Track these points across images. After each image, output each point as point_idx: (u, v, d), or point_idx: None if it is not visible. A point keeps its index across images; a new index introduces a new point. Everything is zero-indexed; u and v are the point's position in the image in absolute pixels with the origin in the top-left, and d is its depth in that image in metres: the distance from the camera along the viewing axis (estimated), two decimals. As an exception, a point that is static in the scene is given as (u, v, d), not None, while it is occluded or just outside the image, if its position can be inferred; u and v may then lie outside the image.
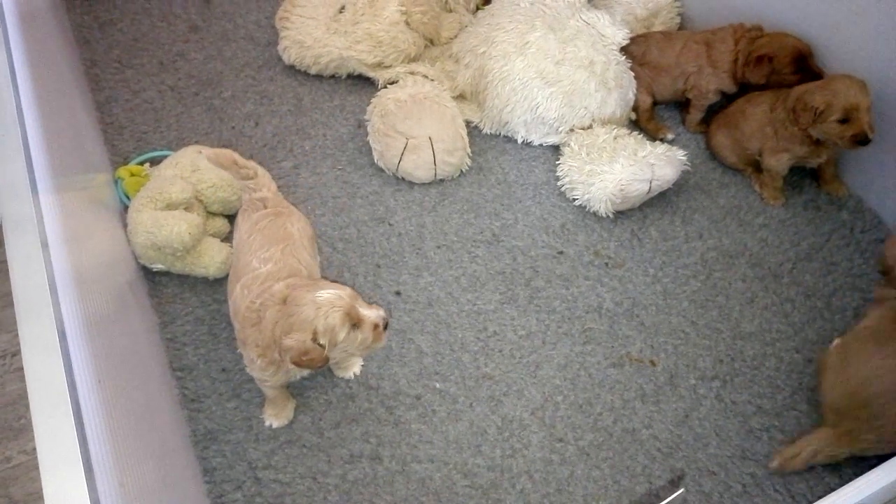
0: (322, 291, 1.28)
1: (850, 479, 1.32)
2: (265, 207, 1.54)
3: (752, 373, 1.65)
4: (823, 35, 1.85)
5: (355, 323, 1.30)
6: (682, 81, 2.03)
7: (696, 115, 2.07)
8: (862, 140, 1.69)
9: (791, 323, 1.72)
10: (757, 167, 1.94)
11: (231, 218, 1.87)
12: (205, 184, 1.79)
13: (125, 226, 1.74)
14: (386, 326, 1.34)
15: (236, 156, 1.54)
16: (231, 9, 2.40)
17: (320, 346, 1.27)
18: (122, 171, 1.89)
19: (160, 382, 1.58)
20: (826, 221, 1.89)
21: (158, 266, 1.76)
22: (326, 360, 1.30)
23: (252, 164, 1.58)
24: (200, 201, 1.81)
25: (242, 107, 2.14)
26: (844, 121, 1.69)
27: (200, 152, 1.86)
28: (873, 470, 1.35)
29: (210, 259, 1.75)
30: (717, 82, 1.99)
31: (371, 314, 1.32)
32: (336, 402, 1.59)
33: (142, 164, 1.94)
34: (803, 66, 1.84)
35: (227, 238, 1.84)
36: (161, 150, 1.98)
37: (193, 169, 1.79)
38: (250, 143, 2.05)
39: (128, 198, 1.83)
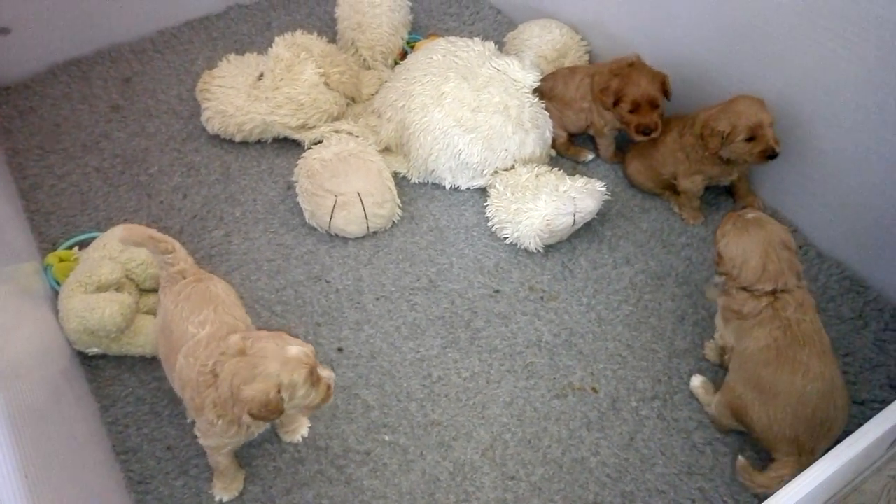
0: (290, 347, 1.31)
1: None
2: (184, 278, 1.54)
3: (690, 389, 1.70)
4: (722, 59, 1.95)
5: (314, 382, 1.32)
6: (584, 117, 2.12)
7: (605, 147, 2.16)
8: (771, 154, 1.78)
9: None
10: (674, 190, 2.02)
11: (165, 293, 1.87)
12: (134, 262, 1.79)
13: (57, 313, 1.72)
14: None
15: (151, 231, 1.54)
16: (151, 85, 2.42)
17: (280, 399, 1.29)
18: (51, 258, 1.88)
19: (104, 468, 1.55)
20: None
21: (94, 350, 1.74)
22: (282, 412, 1.31)
23: (167, 237, 1.56)
24: (132, 280, 1.80)
25: (170, 180, 2.15)
26: (751, 139, 1.78)
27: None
28: (812, 467, 1.41)
29: (146, 337, 1.74)
30: (607, 117, 2.07)
31: (325, 374, 1.36)
32: (285, 467, 1.58)
33: (70, 248, 1.93)
34: (638, 108, 1.93)
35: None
36: (89, 232, 1.98)
37: (122, 248, 1.79)
38: (180, 215, 2.05)
39: (59, 284, 1.81)
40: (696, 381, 1.69)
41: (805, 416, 1.46)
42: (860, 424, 1.50)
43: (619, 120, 2.01)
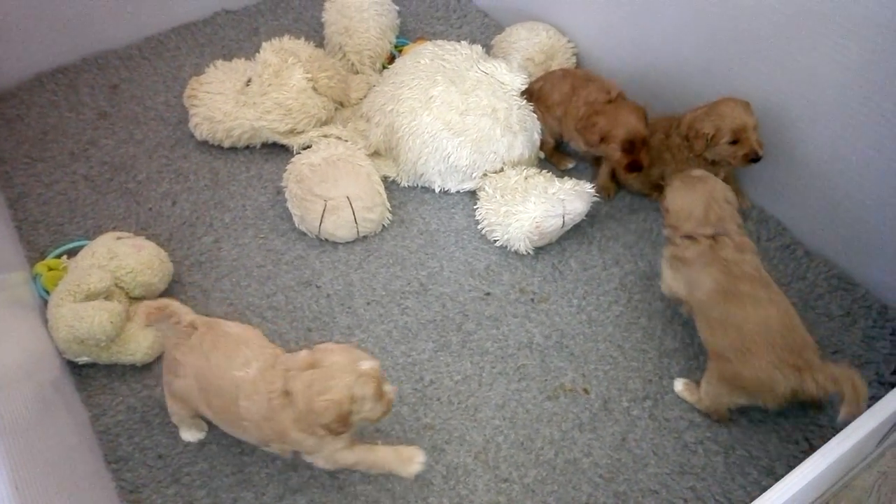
0: (364, 362, 1.34)
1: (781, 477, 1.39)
2: (196, 328, 1.46)
3: (681, 388, 1.71)
4: (708, 61, 1.97)
5: (379, 396, 1.35)
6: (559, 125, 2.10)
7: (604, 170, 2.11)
8: (754, 158, 1.80)
9: (711, 335, 1.79)
10: (662, 190, 2.03)
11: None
12: (124, 270, 1.78)
13: (47, 322, 1.71)
14: None
15: (173, 305, 1.46)
16: (139, 92, 2.42)
17: (350, 411, 1.33)
18: (40, 267, 1.87)
19: (95, 477, 1.55)
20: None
21: (84, 359, 1.73)
22: (351, 425, 1.35)
23: (167, 302, 1.48)
24: (121, 288, 1.79)
25: (158, 187, 2.14)
26: (735, 142, 1.80)
27: (118, 238, 1.86)
28: (802, 464, 1.42)
29: (136, 345, 1.73)
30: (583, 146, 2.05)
31: (388, 389, 1.39)
32: (277, 474, 1.58)
33: (59, 257, 1.92)
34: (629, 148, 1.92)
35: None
36: (78, 240, 1.96)
37: (111, 256, 1.78)
38: (168, 222, 2.05)
39: (48, 293, 1.80)
40: (680, 385, 1.70)
41: (776, 339, 1.47)
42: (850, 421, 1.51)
43: (606, 157, 1.99)
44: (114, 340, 1.70)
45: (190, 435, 1.62)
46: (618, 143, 1.91)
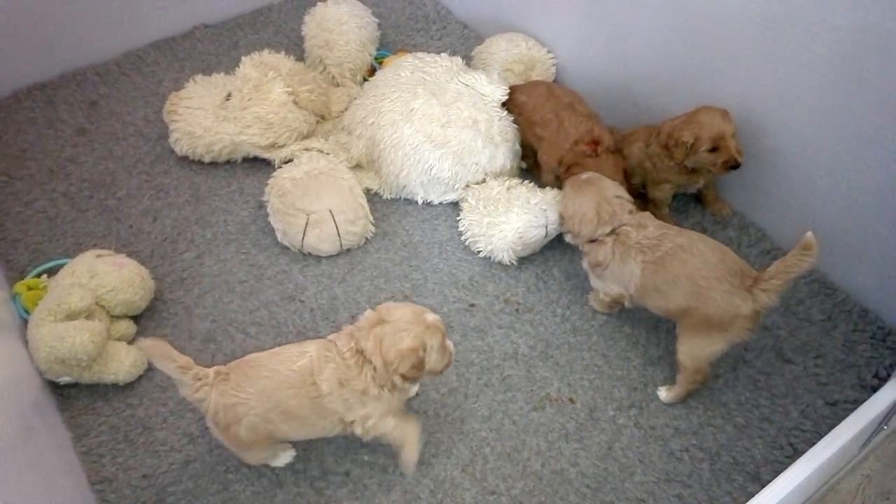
0: (428, 314, 1.44)
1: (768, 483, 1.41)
2: (227, 372, 1.43)
3: (666, 396, 1.71)
4: (685, 69, 1.98)
5: (443, 348, 1.45)
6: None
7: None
8: (733, 165, 1.81)
9: (695, 342, 1.80)
10: (643, 198, 2.04)
11: (136, 319, 1.84)
12: (104, 288, 1.76)
13: (27, 342, 1.69)
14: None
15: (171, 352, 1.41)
16: (118, 108, 2.40)
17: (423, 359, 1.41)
18: (20, 287, 1.85)
19: (79, 499, 1.52)
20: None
21: (65, 379, 1.71)
22: (423, 372, 1.43)
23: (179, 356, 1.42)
24: (102, 306, 1.77)
25: (139, 204, 2.12)
26: (714, 149, 1.81)
27: (98, 256, 1.84)
28: (786, 470, 1.43)
29: (118, 364, 1.72)
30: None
31: (449, 343, 1.48)
32: (264, 491, 1.56)
33: (39, 276, 1.90)
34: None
35: (135, 341, 1.81)
36: (58, 258, 1.94)
37: (91, 275, 1.76)
38: (150, 239, 2.03)
39: (27, 313, 1.78)
40: (663, 393, 1.71)
41: (720, 271, 1.54)
42: (833, 425, 1.53)
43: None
44: (95, 360, 1.69)
45: (283, 459, 1.59)
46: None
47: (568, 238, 1.79)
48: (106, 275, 1.78)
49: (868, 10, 1.52)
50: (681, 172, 1.91)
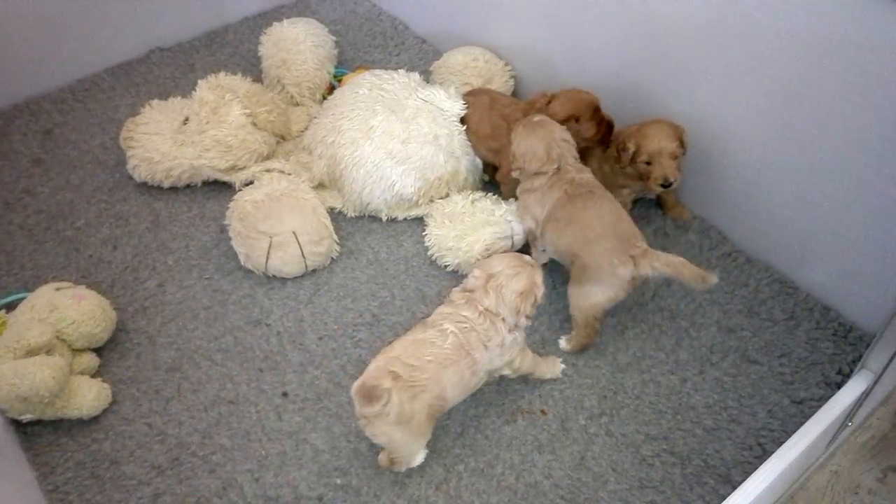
0: (525, 256, 1.62)
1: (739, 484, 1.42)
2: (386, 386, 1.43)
3: (635, 402, 1.72)
4: (641, 78, 2.01)
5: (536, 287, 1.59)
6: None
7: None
8: (663, 183, 1.85)
9: (661, 347, 1.82)
10: None
11: (98, 351, 1.81)
12: (65, 322, 1.73)
13: (-14, 381, 1.65)
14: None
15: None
16: (74, 136, 2.36)
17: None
18: (-23, 324, 1.80)
19: (44, 541, 1.49)
20: (676, 245, 2.02)
21: (28, 416, 1.67)
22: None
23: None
24: (63, 340, 1.74)
25: (98, 233, 2.09)
26: (649, 163, 1.85)
27: (58, 289, 1.80)
28: (756, 471, 1.44)
29: (82, 398, 1.68)
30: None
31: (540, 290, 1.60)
32: (235, 521, 1.54)
33: (-4, 312, 1.85)
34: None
35: (98, 373, 1.77)
36: (16, 293, 1.90)
37: (51, 308, 1.73)
38: (110, 268, 2.00)
39: (-15, 350, 1.73)
40: (563, 343, 1.82)
41: (609, 230, 1.69)
42: (800, 424, 1.55)
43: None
44: (58, 396, 1.65)
45: (421, 455, 1.60)
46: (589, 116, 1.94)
47: (515, 174, 1.87)
48: (66, 308, 1.74)
49: (814, 15, 1.55)
50: (636, 178, 1.93)
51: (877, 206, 1.66)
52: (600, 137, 1.95)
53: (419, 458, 1.58)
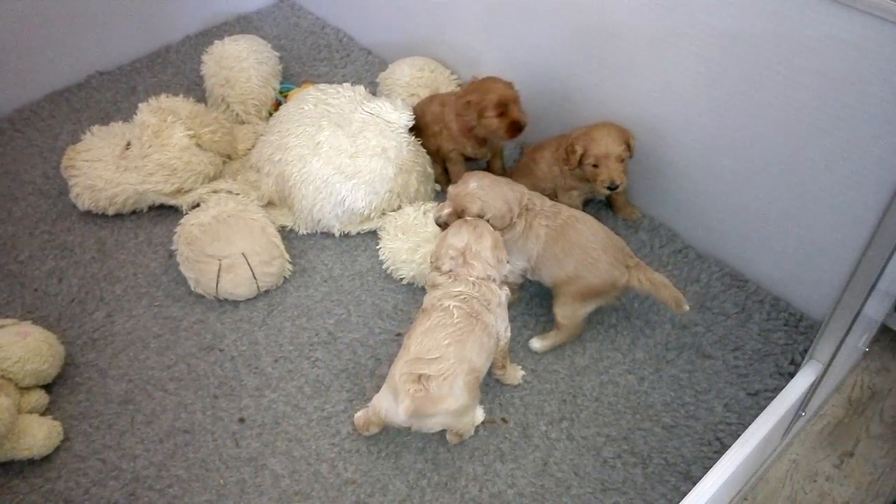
0: (466, 219, 1.68)
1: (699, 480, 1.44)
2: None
3: (595, 404, 1.73)
4: (586, 80, 2.02)
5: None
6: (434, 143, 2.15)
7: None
8: (610, 186, 1.87)
9: (618, 347, 1.83)
10: None
11: (47, 388, 1.76)
12: (10, 360, 1.67)
13: (-72, 426, 1.59)
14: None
15: None
16: (14, 167, 2.30)
17: None
18: (-84, 367, 1.74)
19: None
20: (628, 244, 2.02)
21: (-25, 460, 1.62)
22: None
23: None
24: (9, 380, 1.68)
25: (42, 265, 2.03)
26: (597, 166, 1.87)
27: (1, 326, 1.75)
28: (714, 466, 1.46)
29: (32, 438, 1.63)
30: (452, 144, 2.11)
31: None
32: (195, 554, 1.51)
33: (-63, 353, 1.79)
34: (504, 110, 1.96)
35: (48, 411, 1.72)
36: (-43, 333, 1.84)
37: (-6, 348, 1.67)
38: (56, 301, 1.94)
39: (-74, 395, 1.67)
40: (536, 343, 1.83)
41: (607, 244, 1.73)
42: (756, 416, 1.57)
43: (489, 133, 2.00)
44: (6, 437, 1.60)
45: (480, 412, 1.65)
46: (493, 110, 1.94)
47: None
48: (10, 346, 1.68)
49: (754, 14, 1.58)
50: (584, 179, 1.94)
51: (820, 198, 1.69)
52: (506, 133, 1.95)
53: (479, 416, 1.64)
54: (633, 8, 1.78)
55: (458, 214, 1.72)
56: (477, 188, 1.71)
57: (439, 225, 1.77)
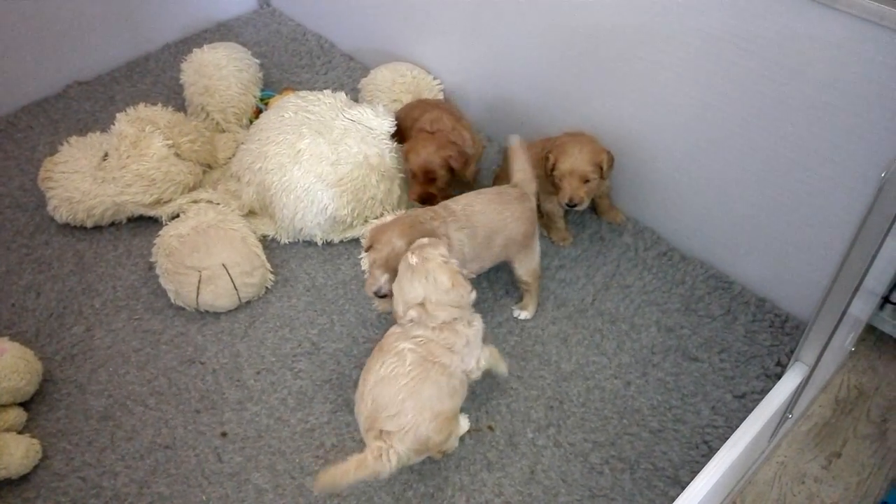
0: (421, 241, 1.56)
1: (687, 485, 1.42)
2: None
3: (581, 410, 1.71)
4: (565, 87, 2.01)
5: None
6: None
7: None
8: (568, 203, 1.84)
9: (604, 352, 1.82)
10: (541, 213, 2.05)
11: (25, 405, 1.73)
12: (-16, 379, 1.64)
13: None
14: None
15: None
16: (-10, 179, 2.27)
17: None
18: None
19: None
20: (613, 249, 2.03)
21: (-50, 481, 1.58)
22: None
23: None
24: (-16, 398, 1.65)
25: (20, 280, 2.00)
26: (561, 180, 1.85)
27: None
28: (702, 471, 1.44)
29: (10, 457, 1.59)
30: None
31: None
32: (177, 573, 1.48)
33: (-89, 372, 1.75)
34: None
35: (26, 428, 1.69)
36: (-68, 350, 1.80)
37: (-32, 366, 1.64)
38: (34, 316, 1.91)
39: None
40: (523, 313, 1.87)
41: (498, 200, 1.75)
42: (743, 418, 1.56)
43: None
44: (-18, 457, 1.56)
45: (464, 422, 1.65)
46: (415, 177, 1.95)
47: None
48: (-15, 364, 1.65)
49: (733, 16, 1.57)
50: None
51: (803, 198, 1.68)
52: (417, 200, 1.96)
53: (465, 425, 1.63)
54: (615, 12, 1.77)
55: (388, 264, 1.62)
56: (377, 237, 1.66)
57: (382, 297, 1.65)
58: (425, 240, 1.56)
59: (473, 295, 1.55)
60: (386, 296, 1.63)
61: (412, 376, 1.44)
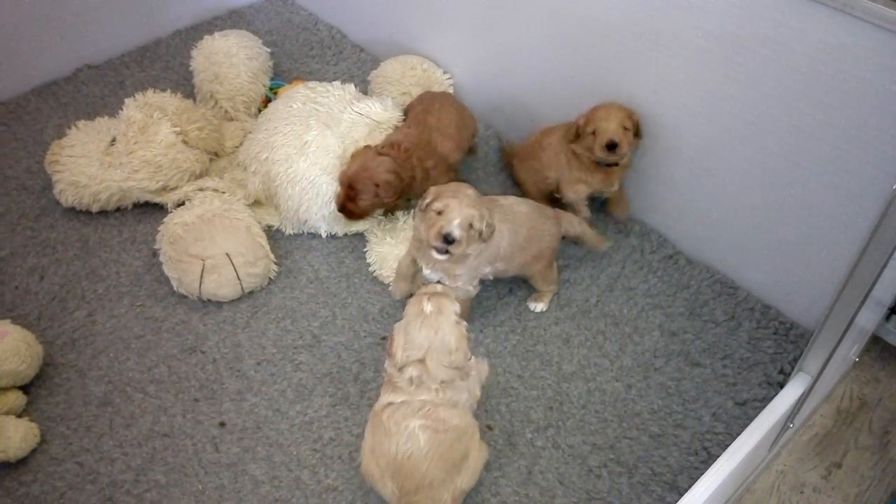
0: (428, 302, 1.47)
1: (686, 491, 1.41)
2: None
3: (581, 412, 1.70)
4: (576, 80, 2.00)
5: None
6: None
7: None
8: (608, 144, 1.80)
9: (606, 354, 1.81)
10: (556, 202, 2.01)
11: (25, 388, 1.73)
12: (-14, 361, 1.64)
13: None
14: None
15: None
16: (-3, 160, 2.27)
17: None
18: None
19: None
20: (618, 250, 2.01)
21: (-51, 462, 1.59)
22: None
23: None
24: (-16, 381, 1.65)
25: (24, 262, 2.00)
26: (596, 131, 1.83)
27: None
28: (701, 478, 1.44)
29: (8, 440, 1.60)
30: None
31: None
32: (171, 562, 1.48)
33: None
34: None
35: (25, 412, 1.69)
36: (-66, 330, 1.81)
37: (-31, 351, 1.64)
38: (37, 299, 1.91)
39: None
40: (539, 306, 1.90)
41: (536, 211, 1.83)
42: (745, 426, 1.55)
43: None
44: (-19, 438, 1.57)
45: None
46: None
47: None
48: (-20, 347, 1.66)
49: (742, 17, 1.55)
50: (594, 171, 1.90)
51: (813, 204, 1.67)
52: (337, 205, 1.95)
53: (485, 454, 1.55)
54: (627, 10, 1.76)
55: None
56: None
57: (451, 242, 1.62)
58: (439, 287, 1.53)
59: (472, 362, 1.49)
60: (454, 242, 1.61)
61: (431, 458, 1.40)
